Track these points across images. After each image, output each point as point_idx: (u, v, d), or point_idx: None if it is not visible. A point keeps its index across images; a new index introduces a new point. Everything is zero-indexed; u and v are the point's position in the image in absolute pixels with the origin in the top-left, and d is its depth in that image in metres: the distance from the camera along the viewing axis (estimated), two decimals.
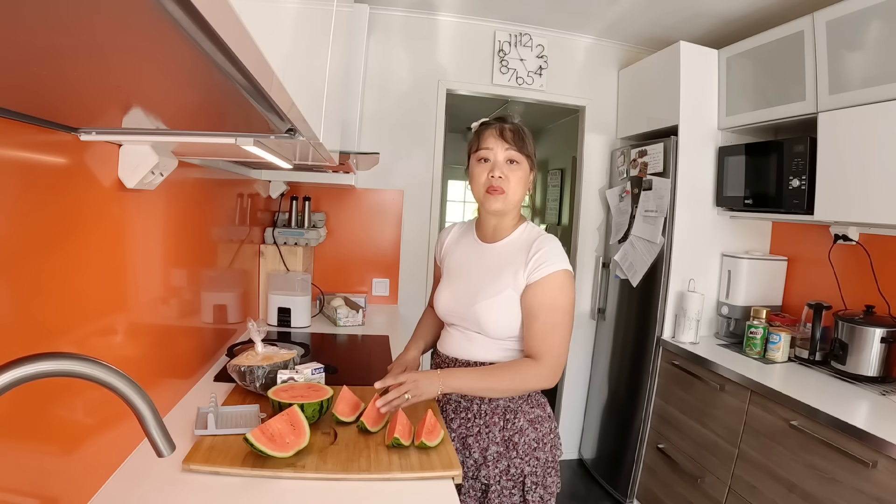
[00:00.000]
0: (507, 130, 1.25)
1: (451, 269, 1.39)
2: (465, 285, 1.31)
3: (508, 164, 1.25)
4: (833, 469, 1.51)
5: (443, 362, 1.35)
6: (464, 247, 1.39)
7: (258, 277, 2.29)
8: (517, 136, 1.25)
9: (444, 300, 1.35)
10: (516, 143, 1.24)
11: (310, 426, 1.18)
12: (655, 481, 2.33)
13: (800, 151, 1.96)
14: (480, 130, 1.29)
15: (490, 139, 1.25)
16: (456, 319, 1.32)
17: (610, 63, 2.89)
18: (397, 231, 2.77)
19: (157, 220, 1.19)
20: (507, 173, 1.24)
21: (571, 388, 3.02)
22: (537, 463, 1.24)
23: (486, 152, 1.25)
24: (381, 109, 2.67)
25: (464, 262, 1.36)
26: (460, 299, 1.30)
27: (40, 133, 0.75)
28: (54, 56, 0.42)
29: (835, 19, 1.82)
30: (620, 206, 2.73)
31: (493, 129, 1.26)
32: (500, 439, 1.23)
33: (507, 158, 1.25)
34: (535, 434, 1.25)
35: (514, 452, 1.22)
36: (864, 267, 1.97)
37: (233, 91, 0.50)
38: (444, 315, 1.36)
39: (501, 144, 1.24)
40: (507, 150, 1.24)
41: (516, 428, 1.23)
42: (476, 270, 1.31)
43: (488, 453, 1.23)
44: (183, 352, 1.40)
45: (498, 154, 1.25)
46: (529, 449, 1.23)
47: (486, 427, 1.24)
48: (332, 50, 0.93)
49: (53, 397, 0.80)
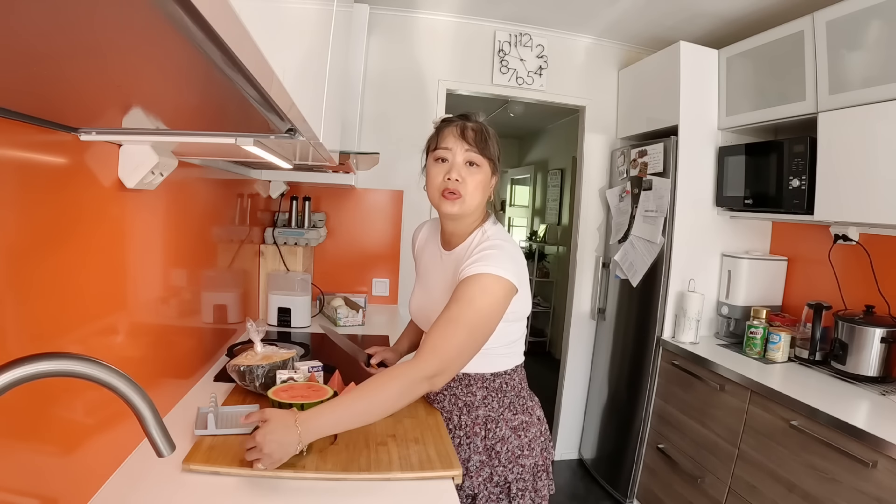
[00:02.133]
0: (468, 130, 1.16)
1: (419, 274, 1.37)
2: (428, 295, 1.29)
3: (467, 167, 1.16)
4: (833, 469, 1.51)
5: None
6: (430, 250, 1.34)
7: (258, 277, 2.29)
8: (479, 137, 1.15)
9: (413, 307, 1.34)
10: (478, 145, 1.15)
11: None
12: (655, 481, 2.33)
13: (800, 151, 1.96)
14: (441, 127, 1.19)
15: (449, 138, 1.16)
16: (427, 327, 1.28)
17: (610, 63, 2.89)
18: (397, 231, 2.77)
19: (157, 220, 1.19)
20: (464, 176, 1.15)
21: (571, 388, 3.02)
22: (522, 469, 1.18)
23: (445, 152, 1.16)
24: (381, 109, 2.67)
25: (428, 269, 1.33)
26: (425, 308, 1.29)
27: (40, 133, 0.75)
28: (54, 56, 0.42)
29: (835, 19, 1.82)
30: (620, 206, 2.73)
31: (454, 128, 1.17)
32: (483, 448, 1.19)
33: (466, 160, 1.15)
34: (519, 441, 1.19)
35: (496, 461, 1.18)
36: (864, 267, 1.97)
37: (233, 91, 0.50)
38: (415, 320, 1.35)
39: (461, 145, 1.15)
40: (467, 152, 1.15)
41: (498, 437, 1.19)
42: (434, 280, 1.28)
43: (470, 464, 1.18)
44: (183, 352, 1.40)
45: (457, 155, 1.15)
46: (513, 457, 1.18)
47: (468, 438, 1.20)
48: (332, 50, 0.93)
49: (53, 397, 0.80)
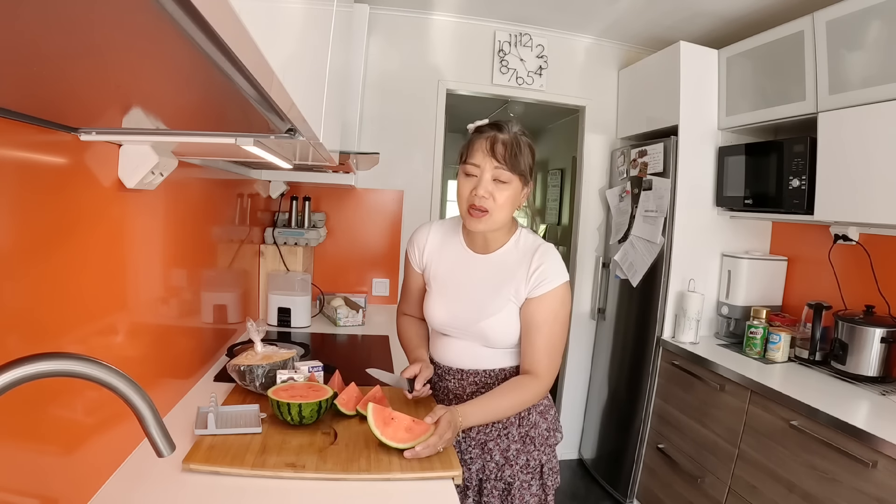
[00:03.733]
0: (498, 144, 1.13)
1: (440, 280, 1.31)
2: (463, 300, 1.26)
3: (495, 183, 1.15)
4: (833, 469, 1.51)
5: (445, 373, 1.33)
6: (451, 255, 1.31)
7: (258, 277, 2.29)
8: (510, 152, 1.13)
9: (440, 313, 1.29)
10: (508, 161, 1.13)
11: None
12: (655, 481, 2.33)
13: (800, 151, 1.96)
14: (472, 139, 1.18)
15: (478, 154, 1.15)
16: (456, 333, 1.28)
17: (610, 63, 2.89)
18: (397, 231, 2.77)
19: (157, 220, 1.19)
20: (492, 191, 1.14)
21: (571, 388, 3.02)
22: (551, 451, 1.28)
23: (473, 168, 1.15)
24: (381, 109, 2.67)
25: (455, 273, 1.29)
26: (460, 314, 1.25)
27: (40, 133, 0.75)
28: (54, 56, 0.42)
29: (835, 19, 1.82)
30: (620, 206, 2.73)
31: (484, 141, 1.15)
32: (518, 436, 1.25)
33: (494, 178, 1.14)
34: (546, 423, 1.28)
35: (531, 446, 1.25)
36: (864, 267, 1.97)
37: (233, 91, 0.50)
38: (439, 326, 1.30)
39: (490, 162, 1.14)
40: (496, 169, 1.14)
41: (531, 422, 1.26)
42: (472, 284, 1.26)
43: (509, 453, 1.25)
44: (183, 352, 1.40)
45: (485, 172, 1.14)
46: (543, 439, 1.27)
47: (505, 429, 1.25)
48: (331, 50, 0.93)
49: (53, 397, 0.80)
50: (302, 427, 1.18)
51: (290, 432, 1.16)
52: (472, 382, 1.28)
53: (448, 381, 1.32)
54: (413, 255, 1.36)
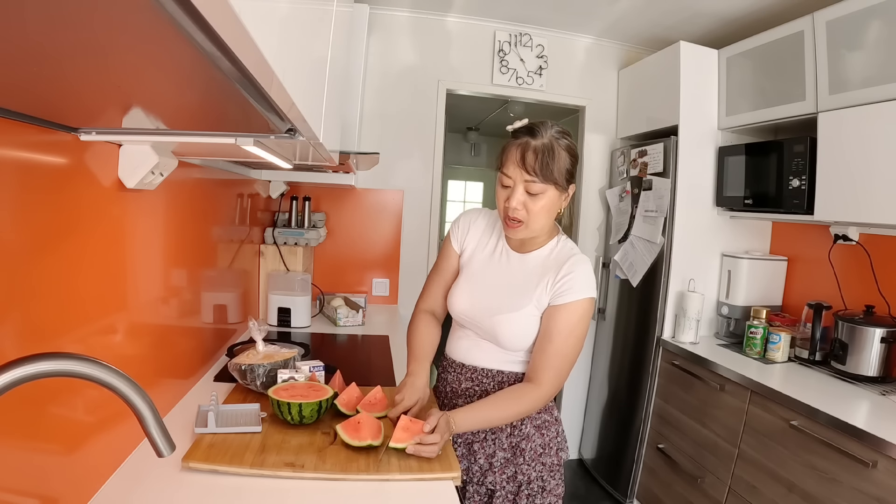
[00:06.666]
0: (529, 153, 1.10)
1: (473, 269, 1.29)
2: (487, 293, 1.24)
3: (529, 195, 1.12)
4: (833, 469, 1.51)
5: (449, 366, 1.33)
6: (490, 246, 1.29)
7: (258, 277, 2.29)
8: (541, 161, 1.09)
9: (462, 301, 1.26)
10: (540, 172, 1.09)
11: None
12: (655, 481, 2.33)
13: (800, 151, 1.96)
14: (507, 146, 1.15)
15: (510, 165, 1.12)
16: (470, 325, 1.27)
17: (610, 63, 2.89)
18: (397, 231, 2.77)
19: (157, 220, 1.19)
20: (525, 202, 1.12)
21: (571, 388, 3.01)
22: (543, 468, 1.21)
23: (506, 179, 1.14)
24: (381, 109, 2.67)
25: (489, 266, 1.27)
26: (479, 306, 1.23)
27: (40, 133, 0.75)
28: (54, 56, 0.42)
29: (835, 19, 1.82)
30: (620, 206, 2.73)
31: (515, 151, 1.12)
32: (508, 445, 1.21)
33: (526, 189, 1.12)
34: (542, 439, 1.22)
35: (520, 458, 1.20)
36: (864, 267, 1.97)
37: (233, 91, 0.50)
38: (457, 314, 1.28)
39: (521, 174, 1.11)
40: (527, 182, 1.11)
41: (523, 434, 1.21)
42: (501, 279, 1.24)
43: (494, 459, 1.21)
44: (183, 352, 1.40)
45: (518, 184, 1.12)
46: (535, 455, 1.21)
47: (493, 433, 1.22)
48: (331, 50, 0.93)
49: (53, 397, 0.80)
50: (302, 427, 1.18)
51: (289, 432, 1.16)
52: (469, 378, 1.27)
53: (449, 373, 1.33)
54: (455, 233, 1.34)
